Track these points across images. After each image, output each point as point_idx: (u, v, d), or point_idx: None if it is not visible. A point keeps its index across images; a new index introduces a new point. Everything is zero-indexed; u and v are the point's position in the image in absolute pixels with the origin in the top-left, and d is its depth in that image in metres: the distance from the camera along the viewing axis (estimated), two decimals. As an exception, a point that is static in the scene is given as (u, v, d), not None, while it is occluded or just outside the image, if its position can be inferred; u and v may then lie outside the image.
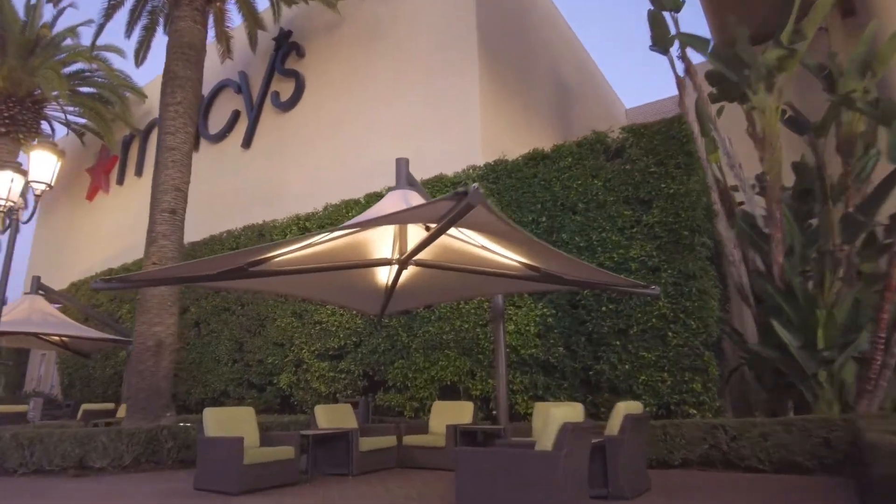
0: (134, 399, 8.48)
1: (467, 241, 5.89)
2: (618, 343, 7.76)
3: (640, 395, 7.54)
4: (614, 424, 4.87)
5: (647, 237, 7.86)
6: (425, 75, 11.56)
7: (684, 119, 7.98)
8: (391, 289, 7.04)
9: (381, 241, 6.27)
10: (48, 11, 16.52)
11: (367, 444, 6.57)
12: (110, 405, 12.24)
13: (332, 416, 6.98)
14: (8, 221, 7.84)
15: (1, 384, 24.38)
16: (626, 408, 5.00)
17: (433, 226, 4.83)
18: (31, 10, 16.36)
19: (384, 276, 7.17)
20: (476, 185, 3.52)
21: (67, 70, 17.17)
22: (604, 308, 7.93)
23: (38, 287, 12.24)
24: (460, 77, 11.00)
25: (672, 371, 7.40)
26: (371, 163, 11.36)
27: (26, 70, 15.73)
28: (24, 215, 8.66)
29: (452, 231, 5.42)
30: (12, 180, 8.17)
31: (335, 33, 13.42)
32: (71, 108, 18.02)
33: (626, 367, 7.62)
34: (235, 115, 14.80)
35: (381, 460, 6.82)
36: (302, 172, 12.85)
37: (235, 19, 14.04)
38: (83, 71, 17.69)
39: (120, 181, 18.39)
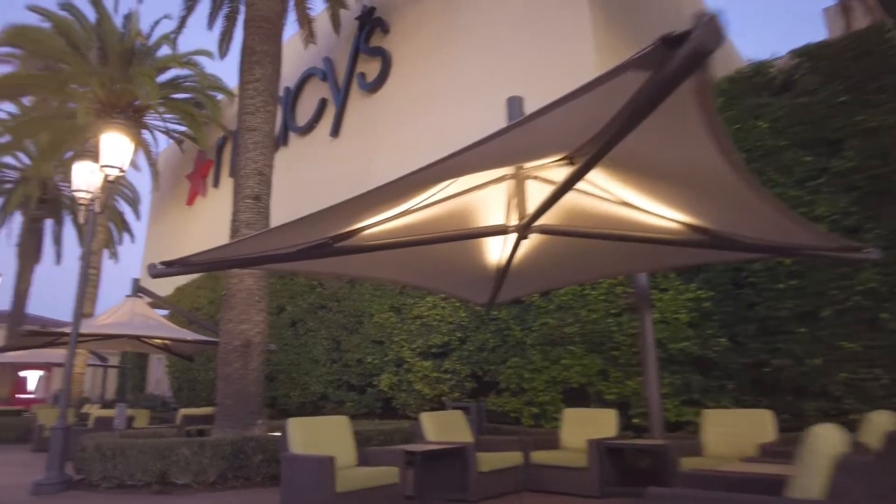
0: (221, 405, 7.70)
1: (603, 197, 4.39)
2: (803, 330, 5.90)
3: (840, 397, 5.66)
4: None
5: (838, 189, 5.93)
6: (526, 20, 10.06)
7: (888, 27, 5.95)
8: (505, 267, 5.64)
9: (492, 206, 4.90)
10: (143, 21, 16.67)
11: (487, 462, 5.22)
12: (209, 409, 11.80)
13: (441, 426, 5.70)
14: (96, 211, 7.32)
15: (127, 387, 25.72)
16: (883, 420, 3.28)
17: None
18: (128, 20, 16.63)
19: (494, 253, 5.78)
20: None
21: (162, 78, 17.35)
22: (781, 285, 6.09)
23: (137, 290, 12.08)
24: (567, 13, 9.39)
25: (890, 366, 5.46)
26: (467, 134, 10.00)
27: (125, 79, 15.95)
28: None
29: (582, 185, 3.97)
30: (91, 172, 7.66)
31: (421, 1, 12.28)
32: (168, 116, 18.26)
33: (817, 360, 5.75)
34: (322, 104, 14.09)
35: (505, 483, 5.43)
36: (393, 154, 11.78)
37: (317, 6, 13.32)
38: (177, 78, 17.85)
39: (215, 184, 18.41)
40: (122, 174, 7.19)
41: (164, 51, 17.16)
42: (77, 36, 16.13)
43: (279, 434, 7.10)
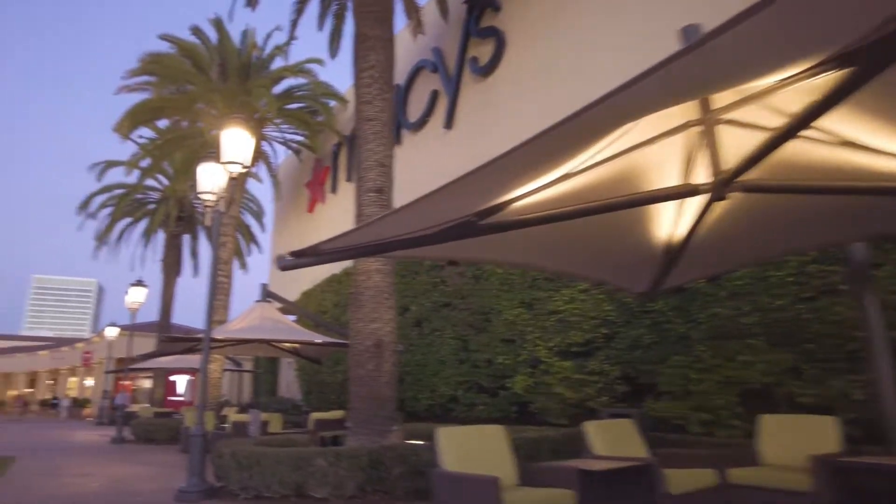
0: (355, 410, 7.27)
1: (815, 139, 3.26)
2: None
3: None
4: None
5: None
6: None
7: None
8: (683, 242, 4.60)
9: (665, 164, 3.90)
10: (257, 35, 17.24)
11: (678, 482, 4.20)
12: (339, 413, 11.62)
13: (610, 437, 4.77)
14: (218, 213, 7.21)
15: (261, 390, 27.07)
16: None
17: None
18: (244, 36, 17.23)
19: (665, 225, 4.74)
20: None
21: (277, 89, 17.81)
22: None
23: (266, 294, 12.23)
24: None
25: None
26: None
27: (244, 93, 16.51)
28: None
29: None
30: (215, 173, 7.57)
31: (534, -30, 11.37)
32: (285, 126, 18.76)
33: None
34: (434, 96, 13.59)
35: (700, 508, 4.38)
36: (513, 139, 10.92)
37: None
38: (291, 88, 18.27)
39: (333, 189, 18.62)
40: (244, 170, 7.00)
41: (278, 63, 17.66)
42: (201, 57, 16.97)
43: (420, 443, 6.55)
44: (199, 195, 7.58)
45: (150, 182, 25.79)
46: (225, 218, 16.84)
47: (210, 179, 7.41)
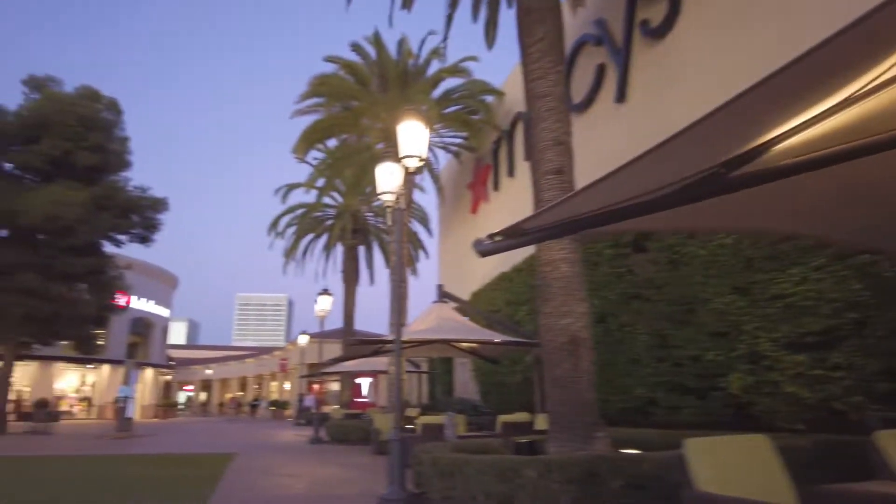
0: (554, 415, 6.59)
1: None
2: None
3: None
4: None
5: None
6: None
7: None
8: None
9: None
10: (412, 43, 17.49)
11: None
12: (526, 416, 11.07)
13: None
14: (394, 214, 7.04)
15: (437, 392, 27.69)
16: None
17: None
18: (400, 45, 17.59)
19: None
20: None
21: (435, 94, 17.91)
22: None
23: (442, 295, 12.11)
24: None
25: None
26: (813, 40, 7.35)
27: (404, 101, 16.80)
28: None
29: None
30: (392, 173, 7.41)
31: None
32: (444, 130, 18.83)
33: None
34: (600, 70, 12.52)
35: None
36: (697, 103, 9.54)
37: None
38: (448, 91, 18.29)
39: (496, 187, 18.24)
40: (422, 163, 6.72)
41: (434, 67, 17.77)
42: (363, 73, 17.66)
43: (636, 452, 5.68)
44: (379, 195, 7.50)
45: (326, 200, 27.79)
46: (395, 226, 17.29)
47: (388, 179, 7.28)
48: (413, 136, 6.51)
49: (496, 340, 10.96)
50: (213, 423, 30.34)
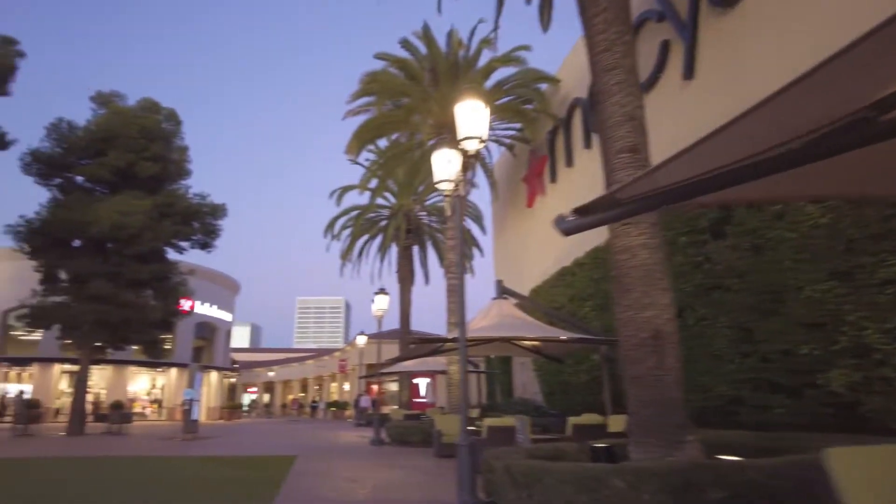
0: (636, 417, 5.97)
1: None
2: None
3: None
4: None
5: None
6: None
7: None
8: None
9: None
10: (462, 32, 17.05)
11: None
12: (598, 418, 10.42)
13: None
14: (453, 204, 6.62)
15: (496, 392, 27.11)
16: None
17: None
18: (449, 37, 17.18)
19: None
20: None
21: (487, 84, 17.40)
22: None
23: (501, 291, 11.60)
24: None
25: None
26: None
27: (456, 94, 16.38)
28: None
29: None
30: (450, 160, 6.98)
31: None
32: (496, 123, 18.28)
33: None
34: (664, 47, 11.70)
35: None
36: (767, 83, 8.66)
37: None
38: (500, 81, 17.74)
39: (553, 178, 17.56)
40: (482, 144, 6.25)
41: (485, 57, 17.26)
42: (413, 68, 17.35)
43: (735, 459, 5.05)
44: (437, 185, 7.10)
45: (379, 201, 27.74)
46: (451, 221, 16.90)
47: (446, 167, 6.85)
48: (472, 116, 6.06)
49: (562, 338, 10.35)
50: (275, 425, 30.85)
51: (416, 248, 28.69)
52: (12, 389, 31.02)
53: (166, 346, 34.68)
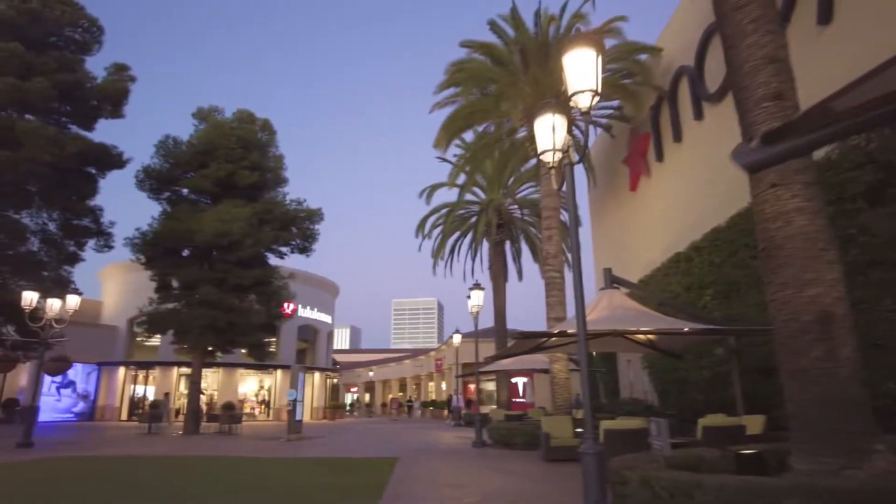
0: (800, 419, 4.87)
1: None
2: None
3: None
4: None
5: None
6: None
7: None
8: None
9: None
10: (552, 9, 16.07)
11: None
12: (736, 420, 9.14)
13: None
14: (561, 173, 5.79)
15: (601, 391, 25.65)
16: None
17: None
18: (537, 16, 16.28)
19: None
20: None
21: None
22: None
23: (611, 280, 10.56)
24: None
25: None
26: None
27: (547, 75, 15.43)
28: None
29: None
30: (554, 127, 6.16)
31: None
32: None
33: None
34: (792, -8, 10.17)
35: None
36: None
37: None
38: (594, 58, 16.55)
39: (659, 157, 16.13)
40: (596, 98, 5.38)
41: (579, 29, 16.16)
42: (500, 52, 16.58)
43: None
44: (540, 155, 6.30)
45: (469, 197, 27.23)
46: (546, 211, 15.96)
47: (550, 135, 6.04)
48: (583, 67, 5.21)
49: (685, 329, 9.16)
50: (375, 424, 31.12)
51: (508, 245, 27.86)
52: (140, 391, 33.58)
53: (271, 349, 36.17)
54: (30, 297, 15.17)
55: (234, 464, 11.31)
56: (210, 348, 22.90)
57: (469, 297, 16.49)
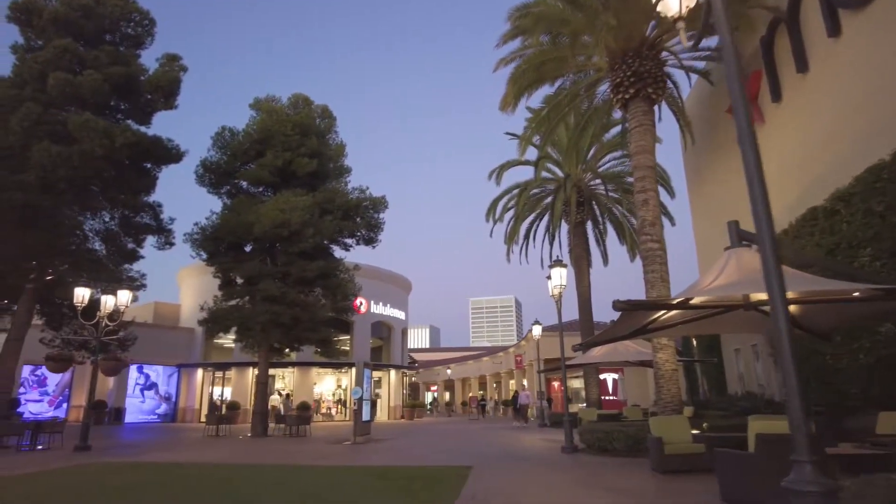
0: None
1: None
2: None
3: None
4: None
5: None
6: None
7: None
8: None
9: None
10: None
11: None
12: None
13: None
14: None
15: (700, 387, 22.44)
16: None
17: None
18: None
19: None
20: None
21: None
22: None
23: (738, 236, 8.00)
24: None
25: None
26: None
27: (627, 11, 12.89)
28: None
29: None
30: None
31: None
32: (683, 52, 14.32)
33: None
34: None
35: None
36: None
37: None
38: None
39: (775, 97, 13.18)
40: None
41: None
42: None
43: None
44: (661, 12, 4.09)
45: (545, 175, 24.80)
46: (640, 171, 13.41)
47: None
48: None
49: (855, 295, 6.53)
50: (453, 425, 29.24)
51: (589, 226, 25.13)
52: (217, 391, 33.57)
53: (344, 347, 35.23)
54: (82, 294, 14.41)
55: (269, 473, 9.70)
56: (276, 345, 21.89)
57: (549, 277, 14.20)
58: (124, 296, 14.80)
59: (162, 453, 13.72)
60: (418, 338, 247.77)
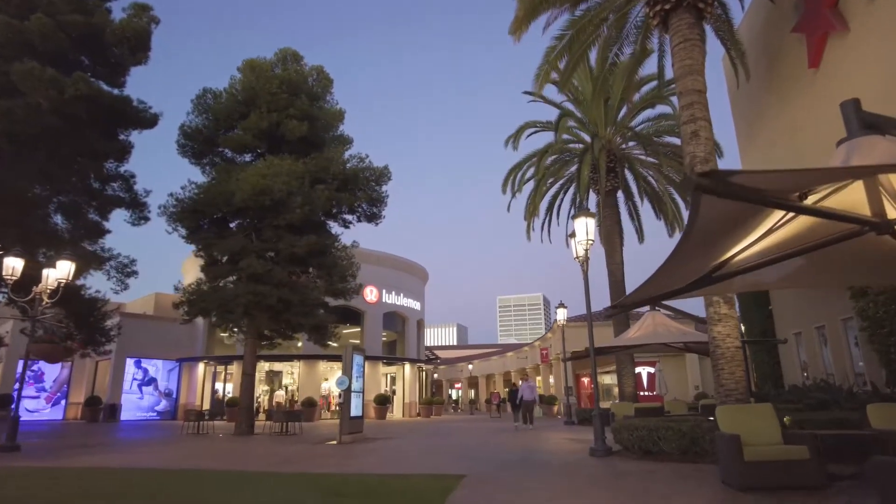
0: None
1: None
2: None
3: None
4: None
5: None
6: None
7: None
8: None
9: None
10: None
11: None
12: None
13: None
14: None
15: (754, 377, 19.19)
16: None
17: None
18: None
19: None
20: None
21: None
22: None
23: (860, 120, 5.12)
24: None
25: None
26: None
27: None
28: None
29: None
30: None
31: None
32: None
33: None
34: None
35: None
36: None
37: None
38: None
39: (867, -9, 10.09)
40: None
41: None
42: None
43: None
44: None
45: (567, 137, 21.86)
46: (686, 97, 10.50)
47: None
48: None
49: None
50: (471, 422, 26.46)
51: (621, 196, 22.06)
52: (219, 388, 31.50)
53: (354, 340, 32.75)
54: (11, 265, 12.12)
55: (185, 482, 7.13)
56: (266, 333, 19.47)
57: (573, 234, 11.37)
58: (64, 267, 12.45)
59: (105, 455, 11.33)
60: (446, 336, 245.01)
